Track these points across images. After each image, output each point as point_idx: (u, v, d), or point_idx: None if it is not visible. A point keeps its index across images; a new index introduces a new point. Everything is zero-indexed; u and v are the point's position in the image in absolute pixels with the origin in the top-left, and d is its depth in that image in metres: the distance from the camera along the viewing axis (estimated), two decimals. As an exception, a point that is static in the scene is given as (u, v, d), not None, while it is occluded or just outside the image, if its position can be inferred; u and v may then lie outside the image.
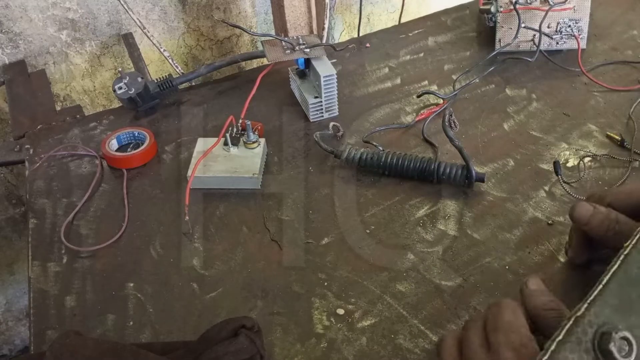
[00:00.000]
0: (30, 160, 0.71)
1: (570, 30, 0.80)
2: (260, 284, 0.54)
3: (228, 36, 1.18)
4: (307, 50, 0.73)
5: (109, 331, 0.51)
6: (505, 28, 0.81)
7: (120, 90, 0.73)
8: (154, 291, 0.54)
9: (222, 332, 0.43)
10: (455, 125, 0.61)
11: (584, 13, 0.80)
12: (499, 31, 0.82)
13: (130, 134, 0.71)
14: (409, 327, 0.50)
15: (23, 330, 1.31)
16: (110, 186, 0.66)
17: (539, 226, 0.58)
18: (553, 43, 0.82)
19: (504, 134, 0.71)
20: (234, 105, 0.76)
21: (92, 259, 0.58)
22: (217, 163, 0.65)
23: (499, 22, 0.81)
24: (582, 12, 0.80)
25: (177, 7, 1.07)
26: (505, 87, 0.78)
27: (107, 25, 1.01)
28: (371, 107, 0.76)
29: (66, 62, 1.01)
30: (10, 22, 0.92)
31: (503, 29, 0.82)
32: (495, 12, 0.80)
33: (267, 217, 0.61)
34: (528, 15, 0.80)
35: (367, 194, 0.63)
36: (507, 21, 0.81)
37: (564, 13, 0.80)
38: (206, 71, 0.80)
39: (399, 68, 0.83)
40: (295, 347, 0.49)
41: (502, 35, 0.82)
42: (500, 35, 0.82)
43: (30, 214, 0.63)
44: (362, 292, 0.53)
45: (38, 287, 0.55)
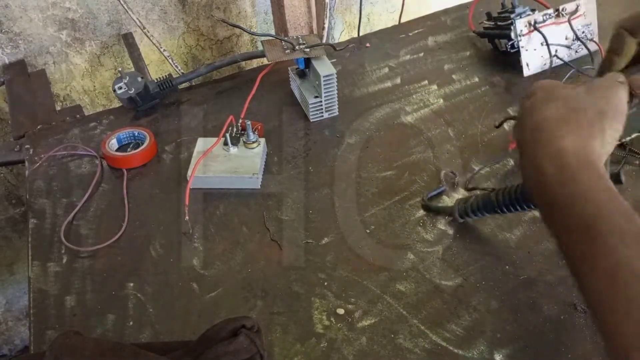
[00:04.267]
0: (30, 160, 0.71)
1: (584, 36, 0.79)
2: (260, 284, 0.54)
3: (228, 36, 1.18)
4: (307, 50, 0.73)
5: (109, 331, 0.51)
6: (530, 50, 0.78)
7: (120, 90, 0.73)
8: (154, 291, 0.54)
9: (222, 332, 0.43)
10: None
11: (592, 16, 0.79)
12: (524, 54, 0.78)
13: (130, 134, 0.71)
14: (409, 327, 0.50)
15: (23, 330, 1.31)
16: (110, 186, 0.66)
17: (539, 226, 0.58)
18: (572, 53, 0.80)
19: (504, 133, 0.71)
20: (234, 105, 0.76)
21: (92, 259, 0.58)
22: (217, 163, 0.65)
23: (523, 46, 0.77)
24: (590, 16, 0.79)
25: (177, 7, 1.07)
26: (506, 87, 0.78)
27: (107, 25, 1.01)
28: (371, 107, 0.76)
29: (66, 62, 1.01)
30: (10, 22, 0.92)
31: (527, 52, 0.78)
32: (517, 38, 0.76)
33: (267, 217, 0.61)
34: (546, 32, 0.77)
35: (367, 194, 0.63)
36: (529, 43, 0.77)
37: (576, 21, 0.78)
38: (206, 71, 0.80)
39: (399, 68, 0.83)
40: (295, 347, 0.49)
41: (528, 58, 0.78)
42: (527, 59, 0.78)
43: (30, 214, 0.63)
44: (362, 292, 0.53)
45: (38, 287, 0.55)
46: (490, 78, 0.80)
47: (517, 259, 0.55)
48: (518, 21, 0.76)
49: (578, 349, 0.48)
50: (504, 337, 0.49)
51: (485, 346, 0.48)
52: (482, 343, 0.48)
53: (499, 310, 0.51)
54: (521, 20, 0.76)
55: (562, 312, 0.50)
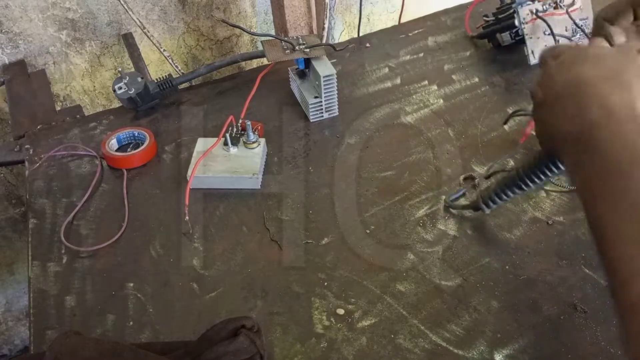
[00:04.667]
0: (30, 160, 0.71)
1: (583, 29, 0.79)
2: (260, 284, 0.54)
3: (228, 36, 1.18)
4: (307, 50, 0.73)
5: (109, 331, 0.51)
6: (534, 38, 0.78)
7: (120, 90, 0.73)
8: (154, 291, 0.54)
9: (222, 332, 0.43)
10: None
11: (588, 10, 0.80)
12: (530, 42, 0.78)
13: (130, 134, 0.71)
14: (409, 327, 0.50)
15: (23, 330, 1.31)
16: (110, 186, 0.66)
17: (539, 226, 0.58)
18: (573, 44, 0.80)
19: (504, 134, 0.71)
20: (234, 105, 0.76)
21: (92, 259, 0.58)
22: (217, 163, 0.65)
23: (527, 34, 0.78)
24: (587, 11, 0.80)
25: (177, 7, 1.07)
26: (506, 87, 0.78)
27: (107, 25, 1.01)
28: (371, 107, 0.76)
29: (66, 62, 1.01)
30: (10, 22, 0.92)
31: (532, 40, 0.78)
32: (520, 25, 0.77)
33: (267, 217, 0.61)
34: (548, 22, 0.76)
35: (367, 194, 0.63)
36: (534, 31, 0.78)
37: (573, 14, 0.78)
38: (206, 71, 0.80)
39: (399, 68, 0.83)
40: (295, 347, 0.49)
41: (534, 45, 0.78)
42: (532, 46, 0.78)
43: (30, 214, 0.63)
44: (362, 292, 0.53)
45: (38, 287, 0.55)
46: (490, 78, 0.80)
47: (517, 259, 0.55)
48: (521, 8, 0.77)
49: (578, 349, 0.48)
50: (504, 337, 0.49)
51: (485, 346, 0.48)
52: (482, 343, 0.48)
53: (499, 310, 0.51)
54: (524, 7, 0.77)
55: (562, 312, 0.50)
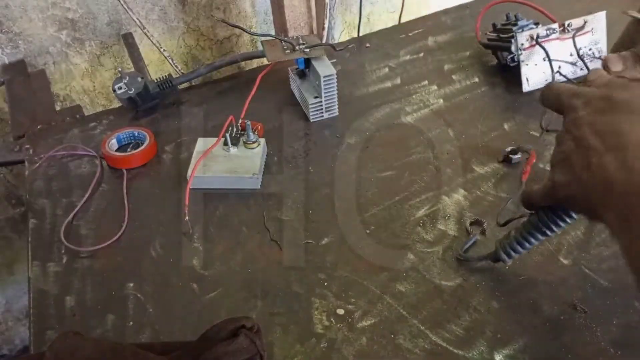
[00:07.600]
0: (30, 160, 0.71)
1: (592, 54, 0.77)
2: (260, 284, 0.54)
3: (228, 36, 1.18)
4: (307, 50, 0.73)
5: (109, 331, 0.51)
6: (530, 65, 0.76)
7: (120, 90, 0.73)
8: (154, 291, 0.54)
9: (222, 332, 0.43)
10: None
11: (601, 33, 0.77)
12: (524, 68, 0.76)
13: (130, 134, 0.71)
14: (409, 327, 0.50)
15: (23, 330, 1.31)
16: (110, 186, 0.66)
17: (539, 226, 0.58)
18: (577, 70, 0.77)
19: (504, 134, 0.71)
20: (234, 105, 0.75)
21: (91, 259, 0.58)
22: (217, 163, 0.65)
23: (523, 60, 0.75)
24: (599, 33, 0.77)
25: (177, 7, 1.07)
26: (506, 87, 0.78)
27: (107, 25, 1.01)
28: (371, 107, 0.76)
29: (66, 62, 1.01)
30: (10, 22, 0.92)
31: (528, 66, 0.76)
32: (517, 51, 0.75)
33: (267, 217, 0.61)
34: (549, 47, 0.74)
35: (367, 194, 0.63)
36: (530, 58, 0.76)
37: (582, 38, 0.76)
38: (206, 71, 0.80)
39: (399, 68, 0.83)
40: (295, 347, 0.49)
41: (529, 73, 0.76)
42: (527, 74, 0.76)
43: (30, 214, 0.63)
44: (362, 292, 0.53)
45: (38, 287, 0.55)
46: (491, 78, 0.80)
47: (517, 259, 0.55)
48: (520, 34, 0.74)
49: (578, 349, 0.48)
50: (504, 337, 0.49)
51: (485, 346, 0.48)
52: (482, 343, 0.48)
53: (499, 310, 0.51)
54: (523, 33, 0.74)
55: (562, 312, 0.50)
